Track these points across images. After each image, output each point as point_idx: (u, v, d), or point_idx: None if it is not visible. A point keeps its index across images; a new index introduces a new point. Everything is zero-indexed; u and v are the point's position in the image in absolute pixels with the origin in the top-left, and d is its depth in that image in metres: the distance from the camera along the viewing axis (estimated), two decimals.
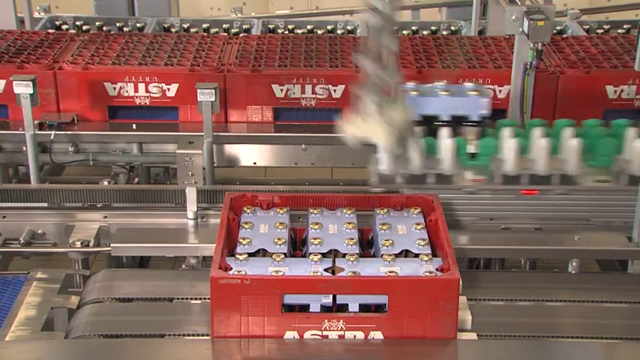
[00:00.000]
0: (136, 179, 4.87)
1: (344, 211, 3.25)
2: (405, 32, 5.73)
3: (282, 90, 4.47)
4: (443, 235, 3.03)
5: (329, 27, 5.76)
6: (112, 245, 3.64)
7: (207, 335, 2.98)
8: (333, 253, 3.00)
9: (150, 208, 3.89)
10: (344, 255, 2.96)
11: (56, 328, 3.22)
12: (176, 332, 3.08)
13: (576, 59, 4.64)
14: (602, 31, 5.68)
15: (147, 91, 4.47)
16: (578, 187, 3.60)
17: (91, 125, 4.49)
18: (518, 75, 4.24)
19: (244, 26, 5.68)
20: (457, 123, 3.54)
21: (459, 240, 3.65)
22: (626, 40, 4.97)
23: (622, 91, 4.47)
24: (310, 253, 2.95)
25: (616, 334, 3.17)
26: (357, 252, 2.98)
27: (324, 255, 2.96)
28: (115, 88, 4.47)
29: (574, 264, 3.63)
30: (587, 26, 5.70)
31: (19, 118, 4.27)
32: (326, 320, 2.81)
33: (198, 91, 4.13)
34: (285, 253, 2.95)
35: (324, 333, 2.82)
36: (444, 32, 5.74)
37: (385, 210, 3.25)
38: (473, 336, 2.92)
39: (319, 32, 5.70)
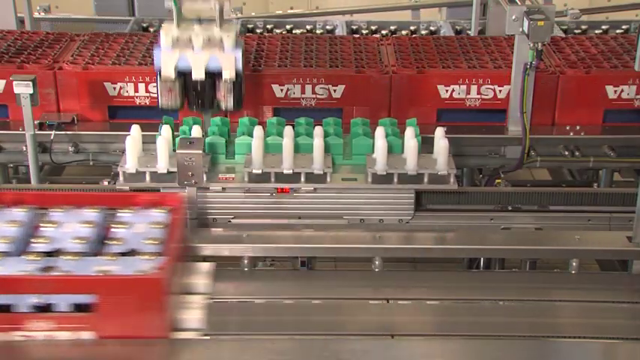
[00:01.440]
0: None
1: (88, 210, 3.21)
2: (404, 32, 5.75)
3: (282, 90, 4.46)
4: (176, 233, 3.03)
5: (328, 27, 5.76)
6: None
7: None
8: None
9: None
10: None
11: None
12: None
13: (576, 59, 4.64)
14: (601, 31, 5.69)
15: (147, 91, 4.46)
16: (328, 185, 3.63)
17: (91, 125, 4.49)
18: (518, 75, 4.25)
19: (248, 25, 5.69)
20: None
21: (460, 240, 3.65)
22: (627, 40, 4.97)
23: (622, 91, 4.47)
24: (28, 252, 2.91)
25: (616, 334, 3.17)
26: (82, 251, 2.95)
27: (49, 254, 2.92)
28: (115, 88, 4.46)
29: (574, 264, 3.63)
30: (586, 26, 5.70)
31: (19, 118, 4.26)
32: (34, 320, 2.77)
33: None
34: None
35: (32, 334, 2.78)
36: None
37: (130, 209, 3.23)
38: (191, 335, 2.90)
39: (319, 32, 5.72)
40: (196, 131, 3.71)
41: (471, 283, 3.40)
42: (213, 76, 3.71)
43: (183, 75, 3.70)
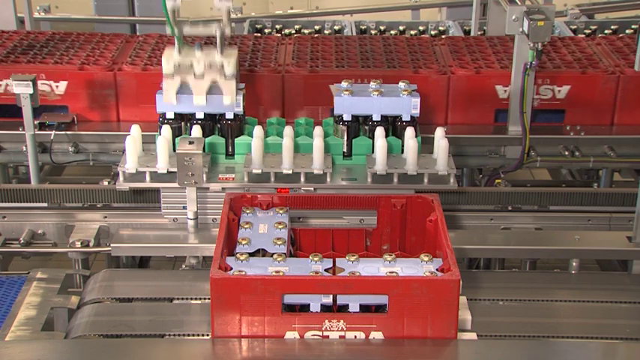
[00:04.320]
0: None
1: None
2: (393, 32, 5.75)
3: None
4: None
5: (336, 27, 5.76)
6: (112, 245, 3.64)
7: (208, 335, 2.99)
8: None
9: (150, 208, 3.89)
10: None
11: (56, 328, 3.23)
12: (176, 332, 3.08)
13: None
14: (590, 31, 5.69)
15: None
16: (328, 185, 3.63)
17: (91, 125, 4.49)
18: (518, 75, 4.24)
19: (257, 26, 5.73)
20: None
21: (460, 240, 3.65)
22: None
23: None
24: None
25: (616, 334, 3.17)
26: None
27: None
28: None
29: (574, 264, 3.63)
30: (575, 27, 5.70)
31: (80, 119, 4.33)
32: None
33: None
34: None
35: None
36: (432, 32, 5.75)
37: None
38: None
39: (327, 32, 5.71)
40: (196, 131, 3.71)
41: (472, 283, 3.39)
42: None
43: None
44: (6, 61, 4.52)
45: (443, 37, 5.12)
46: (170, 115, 3.76)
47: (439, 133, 3.72)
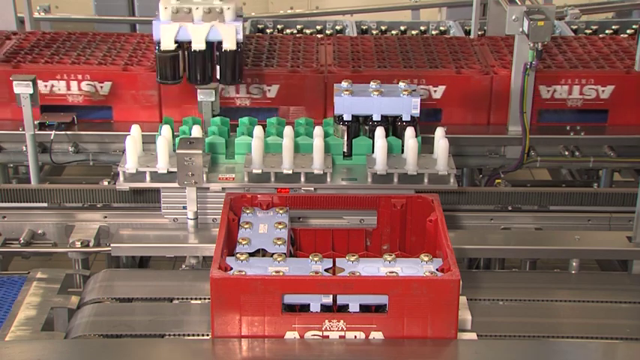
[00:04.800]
0: None
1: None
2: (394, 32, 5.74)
3: None
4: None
5: (338, 27, 5.76)
6: (112, 245, 3.64)
7: (208, 335, 2.99)
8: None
9: (150, 208, 3.89)
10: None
11: (56, 328, 3.23)
12: (176, 332, 3.08)
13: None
14: (590, 31, 5.69)
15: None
16: (328, 185, 3.63)
17: (91, 125, 4.49)
18: (518, 75, 4.25)
19: (259, 26, 5.75)
20: None
21: (460, 240, 3.65)
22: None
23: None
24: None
25: (616, 334, 3.17)
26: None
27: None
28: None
29: (574, 264, 3.63)
30: (576, 27, 5.70)
31: (125, 119, 4.34)
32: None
33: (199, 91, 4.12)
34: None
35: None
36: (433, 32, 5.75)
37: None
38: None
39: (329, 32, 5.71)
40: (196, 131, 3.71)
41: (472, 283, 3.39)
42: (212, 48, 3.77)
43: (182, 47, 3.76)
44: (51, 62, 4.53)
45: (483, 37, 5.10)
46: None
47: (439, 133, 3.72)
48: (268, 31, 5.78)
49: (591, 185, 5.07)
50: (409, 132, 3.66)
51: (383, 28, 5.80)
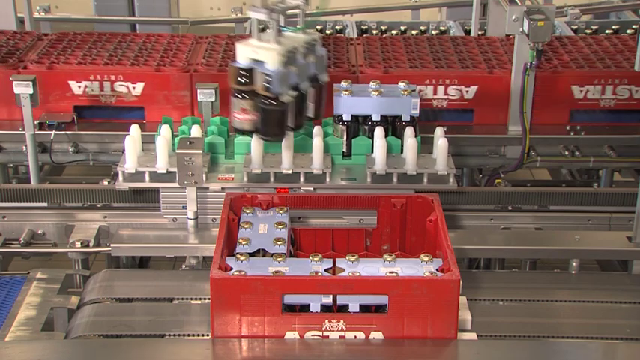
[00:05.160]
0: None
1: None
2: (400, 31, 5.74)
3: None
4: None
5: (338, 27, 5.75)
6: (112, 245, 3.64)
7: (208, 335, 2.99)
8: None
9: (150, 208, 3.89)
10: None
11: (56, 328, 3.23)
12: (176, 332, 3.08)
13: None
14: (591, 31, 5.68)
15: None
16: (327, 185, 3.62)
17: (91, 125, 4.49)
18: (518, 75, 4.25)
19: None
20: None
21: (460, 240, 3.65)
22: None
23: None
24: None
25: (616, 334, 3.17)
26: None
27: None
28: None
29: (574, 264, 3.63)
30: (576, 26, 5.70)
31: (157, 120, 4.27)
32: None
33: (199, 91, 4.12)
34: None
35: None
36: (433, 32, 5.74)
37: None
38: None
39: (329, 32, 5.70)
40: (196, 131, 3.71)
41: (472, 283, 3.39)
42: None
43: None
44: (84, 63, 4.52)
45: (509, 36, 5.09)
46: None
47: (438, 133, 3.72)
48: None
49: (591, 185, 5.06)
50: (409, 132, 3.65)
51: (383, 28, 5.80)
